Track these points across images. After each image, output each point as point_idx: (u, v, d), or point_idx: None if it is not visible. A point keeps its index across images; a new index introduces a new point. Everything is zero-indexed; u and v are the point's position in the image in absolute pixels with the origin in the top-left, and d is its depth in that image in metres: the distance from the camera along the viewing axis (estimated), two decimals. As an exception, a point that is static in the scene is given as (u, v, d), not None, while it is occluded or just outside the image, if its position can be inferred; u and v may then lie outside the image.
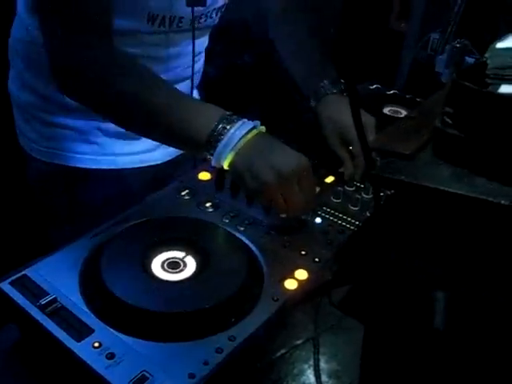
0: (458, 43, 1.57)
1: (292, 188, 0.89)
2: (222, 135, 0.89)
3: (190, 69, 1.20)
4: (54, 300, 0.75)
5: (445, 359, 0.67)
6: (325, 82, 1.21)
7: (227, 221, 0.94)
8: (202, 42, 1.22)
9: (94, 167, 1.19)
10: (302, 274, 0.84)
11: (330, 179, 1.09)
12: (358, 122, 0.65)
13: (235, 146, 0.89)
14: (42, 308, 0.74)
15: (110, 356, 0.69)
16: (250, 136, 0.90)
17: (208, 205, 0.98)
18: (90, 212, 1.12)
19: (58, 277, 0.79)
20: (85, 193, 1.20)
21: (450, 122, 0.66)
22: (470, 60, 1.56)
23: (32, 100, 1.18)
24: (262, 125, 0.94)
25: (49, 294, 0.76)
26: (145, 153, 1.23)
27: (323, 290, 0.87)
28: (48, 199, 1.25)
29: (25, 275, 0.79)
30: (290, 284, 0.82)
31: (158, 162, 1.26)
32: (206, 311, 0.75)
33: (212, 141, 0.90)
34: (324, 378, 0.74)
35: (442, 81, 1.62)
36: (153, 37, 1.07)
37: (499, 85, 0.68)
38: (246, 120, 0.92)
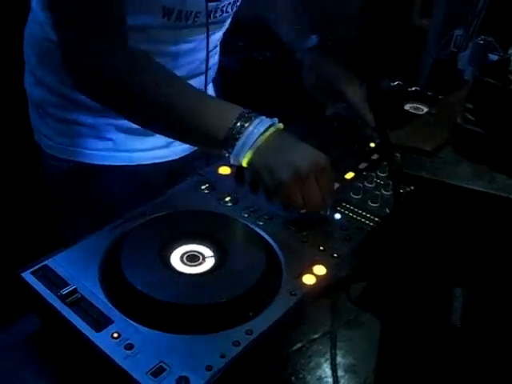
0: (481, 40, 1.56)
1: (310, 186, 0.89)
2: (240, 133, 0.89)
3: (204, 64, 1.20)
4: (75, 290, 0.76)
5: (462, 355, 0.67)
6: (312, 36, 1.25)
7: (246, 215, 0.94)
8: (218, 37, 1.22)
9: (108, 164, 1.19)
10: (320, 270, 0.84)
11: (350, 175, 1.09)
12: (379, 119, 0.65)
13: (253, 144, 0.89)
14: (63, 298, 0.75)
15: (129, 347, 0.69)
16: (267, 134, 0.90)
17: (228, 199, 0.98)
18: (105, 209, 1.11)
19: (78, 268, 0.80)
20: (99, 189, 1.20)
21: (472, 118, 0.65)
22: (493, 57, 1.55)
23: (45, 96, 1.18)
24: (280, 121, 0.94)
25: (69, 285, 0.77)
26: (159, 149, 1.23)
27: (341, 286, 0.87)
28: (63, 195, 1.25)
29: (46, 265, 0.80)
30: (308, 279, 0.82)
31: (173, 158, 1.26)
32: (224, 304, 0.76)
33: (230, 139, 0.90)
34: (340, 372, 0.74)
35: (465, 78, 1.61)
36: (168, 32, 1.07)
37: (522, 81, 0.67)
38: (263, 117, 0.92)
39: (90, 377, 0.74)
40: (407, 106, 1.41)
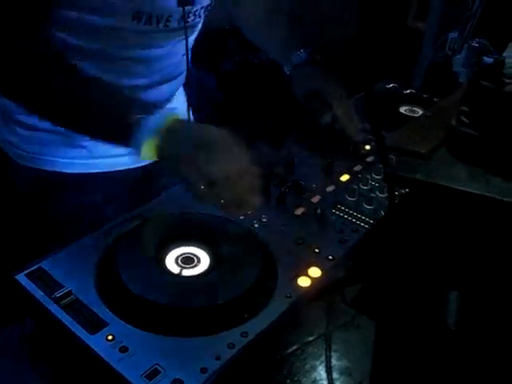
0: (476, 43, 1.56)
1: (215, 151, 0.84)
2: (143, 120, 0.87)
3: (177, 68, 1.19)
4: (69, 293, 0.76)
5: (457, 358, 0.67)
6: (300, 51, 1.24)
7: (242, 217, 0.94)
8: (190, 42, 1.19)
9: (83, 172, 1.15)
10: (315, 272, 0.84)
11: (345, 177, 1.09)
12: (374, 123, 0.65)
13: (157, 127, 0.86)
14: (57, 300, 0.75)
15: (123, 349, 0.69)
16: (169, 118, 0.87)
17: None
18: (81, 217, 1.08)
19: (73, 270, 0.80)
20: (75, 198, 1.15)
21: (466, 120, 0.65)
22: (488, 60, 1.55)
23: (12, 103, 1.10)
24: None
25: (64, 287, 0.77)
26: (132, 154, 1.19)
27: (336, 288, 0.87)
28: (37, 204, 1.20)
29: (40, 268, 0.80)
30: (304, 281, 0.82)
31: (147, 162, 1.19)
32: (219, 307, 0.76)
33: (133, 127, 0.87)
34: (335, 374, 0.74)
35: (460, 80, 1.61)
36: (140, 36, 1.04)
37: (516, 84, 0.67)
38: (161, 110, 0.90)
39: (84, 379, 0.74)
40: (402, 109, 1.42)
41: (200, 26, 1.19)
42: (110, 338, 0.71)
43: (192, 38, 1.18)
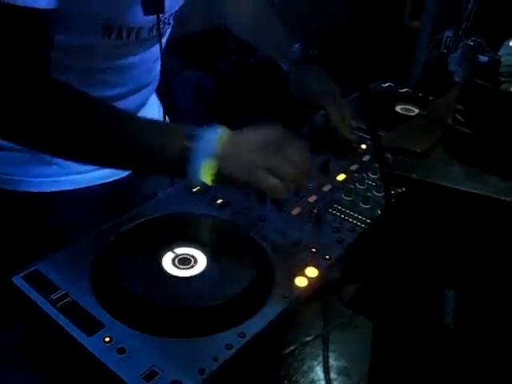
0: (471, 41, 1.56)
1: (276, 158, 0.85)
2: (192, 151, 0.85)
3: (150, 75, 1.17)
4: (66, 295, 0.76)
5: (454, 357, 0.67)
6: (295, 46, 1.24)
7: (238, 218, 0.94)
8: (158, 49, 1.13)
9: (56, 189, 1.11)
10: (312, 272, 0.84)
11: (341, 177, 1.09)
12: (370, 122, 0.65)
13: (211, 154, 0.84)
14: (54, 302, 0.74)
15: (121, 351, 0.69)
16: (220, 140, 0.86)
17: (219, 202, 0.98)
18: (58, 235, 1.01)
19: (69, 272, 0.80)
20: (50, 216, 1.11)
21: (462, 119, 0.65)
22: (483, 58, 1.55)
23: None
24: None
25: (60, 289, 0.76)
26: (105, 168, 1.14)
27: (333, 288, 0.87)
28: (8, 227, 1.13)
29: (37, 270, 0.80)
30: (300, 281, 0.82)
31: (123, 175, 1.19)
32: (216, 308, 0.75)
33: (184, 160, 0.85)
34: (333, 375, 0.74)
35: (455, 79, 1.62)
36: (111, 49, 1.01)
37: (512, 83, 0.68)
38: (206, 129, 0.88)
39: (82, 381, 0.74)
40: (398, 108, 1.42)
41: (169, 31, 1.16)
42: (107, 339, 0.70)
43: (163, 42, 1.15)
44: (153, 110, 1.30)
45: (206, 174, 0.84)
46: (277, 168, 0.84)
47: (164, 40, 1.16)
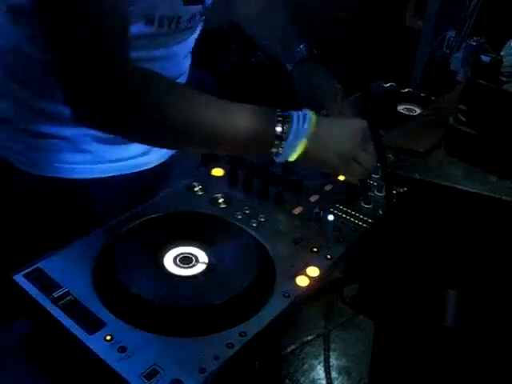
0: (473, 41, 1.56)
1: (361, 149, 0.93)
2: (286, 132, 0.91)
3: (178, 70, 1.19)
4: (67, 293, 0.76)
5: (455, 357, 0.67)
6: (300, 47, 1.25)
7: (240, 217, 0.94)
8: (191, 42, 1.19)
9: (88, 177, 1.14)
10: (313, 271, 0.84)
11: (342, 177, 1.09)
12: (372, 122, 0.65)
13: (304, 135, 0.92)
14: (55, 301, 0.74)
15: (122, 349, 0.69)
16: (311, 124, 0.92)
17: (221, 201, 0.98)
18: (87, 222, 1.02)
19: (71, 270, 0.80)
20: (81, 203, 1.14)
21: (464, 119, 0.65)
22: (485, 58, 1.55)
23: (14, 110, 1.10)
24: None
25: (62, 287, 0.76)
26: (138, 157, 1.18)
27: (335, 287, 0.87)
28: (39, 211, 1.16)
29: (38, 268, 0.80)
30: (302, 281, 0.82)
31: (153, 165, 1.22)
32: (218, 307, 0.75)
33: (277, 142, 0.92)
34: (334, 374, 0.74)
35: (458, 79, 1.62)
36: (148, 39, 1.04)
37: (514, 83, 0.68)
38: (299, 112, 0.94)
39: (83, 379, 0.74)
40: (400, 107, 1.42)
41: (202, 23, 1.19)
42: (108, 338, 0.70)
43: (195, 36, 1.19)
44: None
45: (295, 154, 0.92)
46: (362, 158, 0.93)
47: (195, 35, 1.19)
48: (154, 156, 1.22)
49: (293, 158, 0.93)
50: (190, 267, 0.82)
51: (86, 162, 1.14)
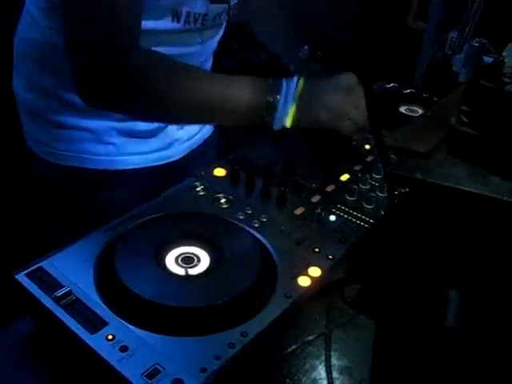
0: (476, 42, 1.56)
1: (351, 104, 0.98)
2: (278, 95, 0.96)
3: (206, 67, 1.23)
4: (69, 292, 0.76)
5: (456, 357, 0.67)
6: (304, 48, 1.31)
7: (242, 217, 0.94)
8: (216, 41, 1.23)
9: (110, 168, 1.18)
10: (315, 271, 0.84)
11: (345, 177, 1.09)
12: (374, 122, 0.65)
13: (293, 100, 0.96)
14: (57, 300, 0.75)
15: (123, 349, 0.69)
16: (300, 86, 0.97)
17: (223, 201, 0.98)
18: (107, 214, 1.10)
19: (73, 269, 0.80)
20: (101, 194, 1.18)
21: (466, 120, 0.65)
22: (488, 59, 1.55)
23: (42, 101, 1.15)
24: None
25: (64, 287, 0.76)
26: (159, 151, 1.22)
27: (336, 288, 0.87)
28: (62, 202, 1.22)
29: (40, 267, 0.80)
30: (303, 281, 0.82)
31: (173, 159, 1.26)
32: (219, 306, 0.75)
33: (269, 108, 0.96)
34: (335, 374, 0.74)
35: (460, 80, 1.62)
36: (176, 36, 1.07)
37: (516, 84, 0.67)
38: (288, 79, 0.98)
39: (84, 378, 0.74)
40: (402, 108, 1.42)
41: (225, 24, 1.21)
42: (110, 337, 0.71)
43: (220, 35, 1.23)
44: None
45: (289, 119, 0.98)
46: (352, 113, 0.98)
47: (220, 34, 1.23)
48: (175, 150, 1.24)
49: (288, 123, 0.97)
50: (192, 267, 0.82)
51: (108, 154, 1.17)
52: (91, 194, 1.18)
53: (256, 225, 0.93)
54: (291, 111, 0.95)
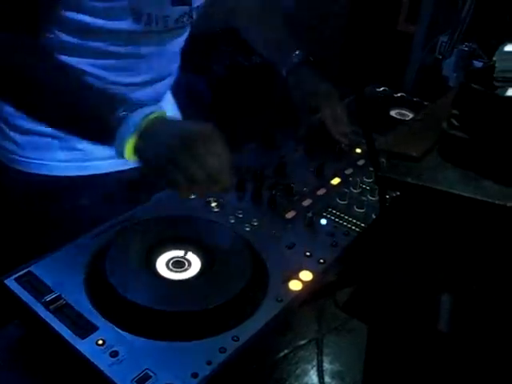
0: (465, 47, 1.57)
1: (198, 149, 0.83)
2: (124, 119, 0.86)
3: (170, 68, 1.22)
4: (59, 297, 0.75)
5: (449, 362, 0.67)
6: (296, 52, 1.26)
7: (233, 221, 0.94)
8: (180, 43, 1.21)
9: (79, 174, 1.16)
10: (306, 275, 0.84)
11: (336, 181, 1.09)
12: (365, 126, 0.65)
13: (136, 129, 0.85)
14: (47, 305, 0.74)
15: (114, 354, 0.69)
16: (151, 118, 0.86)
17: (214, 205, 0.98)
18: (78, 220, 1.04)
19: (62, 274, 0.80)
20: (71, 201, 1.14)
21: (457, 124, 0.65)
22: (478, 64, 1.56)
23: (6, 107, 1.12)
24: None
25: (53, 291, 0.76)
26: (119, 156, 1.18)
27: (328, 292, 0.87)
28: (31, 210, 1.18)
29: (30, 272, 0.80)
30: (295, 285, 0.82)
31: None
32: (210, 311, 0.75)
33: (114, 128, 0.86)
34: (327, 378, 0.74)
35: (450, 84, 1.62)
36: (137, 36, 1.06)
37: (507, 88, 0.68)
38: (147, 105, 0.89)
39: (74, 383, 0.74)
40: (393, 112, 1.42)
41: (189, 27, 1.20)
42: (100, 342, 0.70)
43: (184, 38, 1.21)
44: (168, 107, 1.31)
45: (127, 149, 0.86)
46: (187, 168, 0.83)
47: (185, 35, 1.21)
48: None
49: (126, 154, 0.87)
50: (183, 271, 0.82)
51: (77, 160, 1.15)
52: (61, 202, 1.14)
53: (247, 229, 0.93)
54: (129, 141, 0.85)
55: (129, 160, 0.87)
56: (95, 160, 1.16)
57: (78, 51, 1.04)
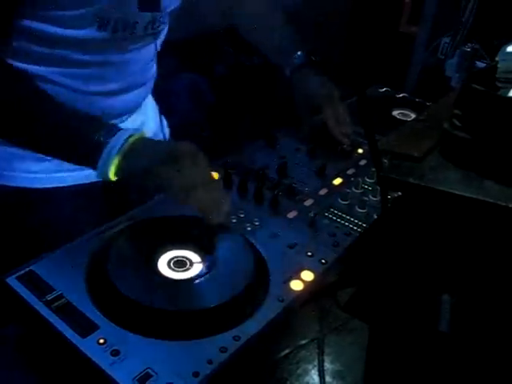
0: (468, 47, 1.57)
1: (185, 161, 0.86)
2: (105, 144, 0.88)
3: (145, 75, 1.20)
4: (60, 296, 0.75)
5: (449, 362, 0.67)
6: (298, 53, 1.26)
7: (234, 221, 0.94)
8: (153, 49, 1.18)
9: (48, 186, 1.13)
10: (307, 275, 0.84)
11: (337, 181, 1.09)
12: (367, 126, 0.65)
13: (119, 151, 0.88)
14: (48, 304, 0.74)
15: (115, 353, 0.69)
16: (132, 140, 0.88)
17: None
18: (51, 232, 1.03)
19: (64, 273, 0.79)
20: (41, 213, 1.11)
21: (459, 124, 0.65)
22: (480, 64, 1.56)
23: None
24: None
25: (55, 290, 0.76)
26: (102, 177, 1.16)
27: (329, 292, 0.87)
28: (4, 222, 1.12)
29: (31, 271, 0.80)
30: (296, 285, 0.82)
31: None
32: (212, 310, 0.75)
33: (95, 153, 0.89)
34: (328, 378, 0.74)
35: (452, 85, 1.62)
36: (105, 43, 1.03)
37: (509, 88, 0.68)
38: (126, 128, 0.91)
39: (75, 382, 0.73)
40: (395, 113, 1.42)
41: (166, 29, 1.18)
42: (101, 341, 0.70)
43: (159, 42, 1.18)
44: (149, 111, 1.31)
45: (111, 170, 0.88)
46: (182, 175, 0.85)
47: (160, 40, 1.18)
48: None
49: (111, 174, 0.89)
50: (184, 271, 0.82)
51: (46, 171, 1.12)
52: (33, 214, 1.11)
53: (249, 229, 0.93)
54: (113, 163, 0.87)
55: (113, 180, 0.90)
56: (64, 171, 1.13)
57: (46, 60, 1.01)
